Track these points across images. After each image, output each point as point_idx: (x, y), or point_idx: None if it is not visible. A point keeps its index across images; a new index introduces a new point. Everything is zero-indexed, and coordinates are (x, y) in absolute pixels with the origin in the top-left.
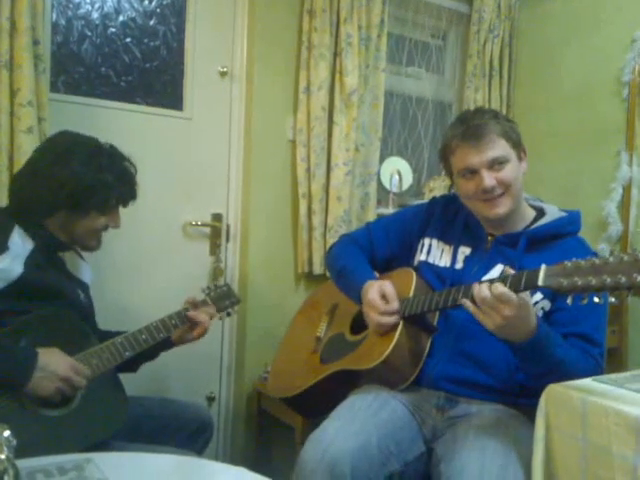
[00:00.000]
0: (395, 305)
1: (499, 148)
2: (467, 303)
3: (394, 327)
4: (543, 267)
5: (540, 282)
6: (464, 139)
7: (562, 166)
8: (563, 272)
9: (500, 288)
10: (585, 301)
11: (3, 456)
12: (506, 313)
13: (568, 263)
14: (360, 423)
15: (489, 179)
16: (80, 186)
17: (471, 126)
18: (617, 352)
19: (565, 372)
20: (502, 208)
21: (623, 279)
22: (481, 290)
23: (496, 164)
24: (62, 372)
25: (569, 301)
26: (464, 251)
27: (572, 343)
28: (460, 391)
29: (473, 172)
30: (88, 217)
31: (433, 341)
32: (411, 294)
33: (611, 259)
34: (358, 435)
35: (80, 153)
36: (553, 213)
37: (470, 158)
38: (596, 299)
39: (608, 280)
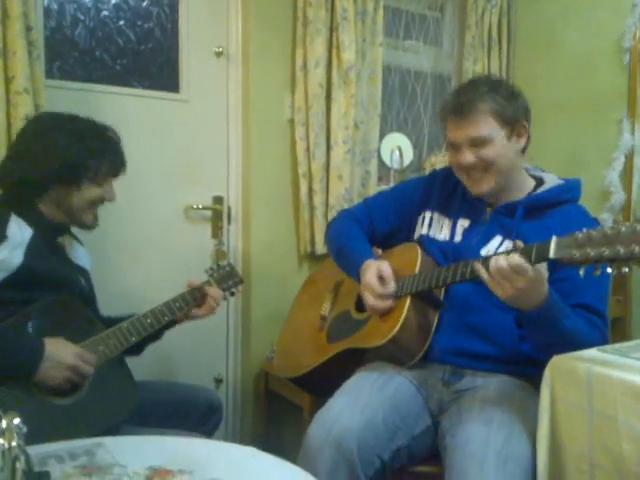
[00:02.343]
0: (391, 288)
1: (482, 127)
2: (482, 271)
3: (400, 304)
4: (554, 239)
5: (551, 254)
6: (451, 113)
7: (563, 135)
8: (575, 243)
9: (517, 259)
10: (598, 272)
11: (14, 443)
12: (519, 285)
13: (579, 234)
14: (365, 399)
15: (468, 156)
16: (68, 158)
17: (460, 100)
18: (621, 322)
19: (572, 343)
20: (485, 185)
21: (637, 249)
22: (498, 260)
23: (478, 142)
24: (70, 361)
25: (581, 272)
26: (463, 224)
27: (576, 313)
28: (465, 363)
29: (456, 146)
30: (82, 189)
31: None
32: (417, 270)
33: (623, 229)
34: (363, 411)
35: (60, 127)
36: (551, 181)
37: (454, 133)
38: (609, 270)
39: (622, 250)
